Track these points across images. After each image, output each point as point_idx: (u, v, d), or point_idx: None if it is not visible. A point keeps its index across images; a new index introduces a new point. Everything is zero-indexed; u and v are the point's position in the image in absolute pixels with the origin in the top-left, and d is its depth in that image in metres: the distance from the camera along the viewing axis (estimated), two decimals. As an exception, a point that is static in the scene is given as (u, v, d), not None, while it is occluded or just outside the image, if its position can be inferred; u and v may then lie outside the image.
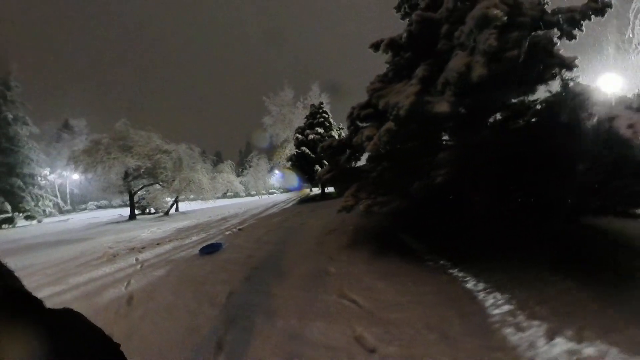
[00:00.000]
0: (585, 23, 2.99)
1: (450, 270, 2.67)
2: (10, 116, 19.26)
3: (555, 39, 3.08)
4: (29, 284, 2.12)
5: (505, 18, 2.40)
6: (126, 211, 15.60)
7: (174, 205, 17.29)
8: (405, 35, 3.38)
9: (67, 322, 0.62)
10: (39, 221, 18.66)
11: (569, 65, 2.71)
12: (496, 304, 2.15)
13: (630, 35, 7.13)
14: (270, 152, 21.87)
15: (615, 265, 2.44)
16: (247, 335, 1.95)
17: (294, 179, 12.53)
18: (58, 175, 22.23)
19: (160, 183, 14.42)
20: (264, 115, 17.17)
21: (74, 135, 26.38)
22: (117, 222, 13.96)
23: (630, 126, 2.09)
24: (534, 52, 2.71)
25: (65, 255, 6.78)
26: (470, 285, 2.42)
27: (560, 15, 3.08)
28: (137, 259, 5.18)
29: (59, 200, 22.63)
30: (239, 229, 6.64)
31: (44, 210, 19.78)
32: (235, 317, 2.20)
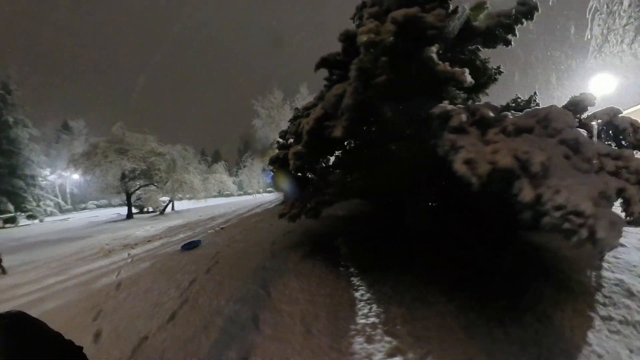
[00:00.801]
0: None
1: (352, 277, 2.90)
2: (10, 119, 19.85)
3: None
4: (35, 276, 3.45)
5: (391, 39, 2.33)
6: (125, 210, 16.37)
7: (170, 205, 18.07)
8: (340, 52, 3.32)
9: (18, 326, 0.61)
10: (41, 220, 19.34)
11: (458, 80, 2.39)
12: (367, 315, 2.31)
13: (589, 37, 6.63)
14: (263, 152, 22.61)
15: (515, 295, 2.27)
16: (192, 309, 2.75)
17: (282, 180, 13.25)
18: (58, 176, 22.86)
19: (155, 184, 15.17)
20: (255, 117, 17.90)
21: (73, 136, 26.96)
22: (115, 221, 14.71)
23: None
24: (419, 70, 2.55)
25: (67, 251, 7.57)
26: (358, 293, 2.63)
27: (490, 21, 3.09)
28: (129, 254, 5.97)
29: (60, 200, 23.36)
30: (221, 228, 7.40)
31: (45, 210, 20.47)
32: (189, 298, 3.00)
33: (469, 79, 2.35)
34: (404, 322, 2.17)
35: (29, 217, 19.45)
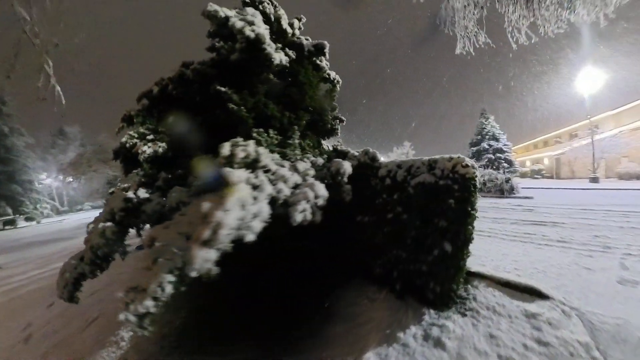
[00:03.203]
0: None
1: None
2: (6, 129, 20.93)
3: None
4: (24, 269, 5.62)
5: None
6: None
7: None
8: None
9: None
10: (38, 222, 20.44)
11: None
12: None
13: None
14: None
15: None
16: (109, 286, 4.19)
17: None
18: (55, 179, 24.00)
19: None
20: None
21: (69, 141, 27.88)
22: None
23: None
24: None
25: (53, 250, 8.94)
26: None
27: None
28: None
29: (56, 203, 24.52)
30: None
31: (41, 212, 21.65)
32: (112, 281, 4.44)
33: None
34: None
35: (27, 219, 20.63)
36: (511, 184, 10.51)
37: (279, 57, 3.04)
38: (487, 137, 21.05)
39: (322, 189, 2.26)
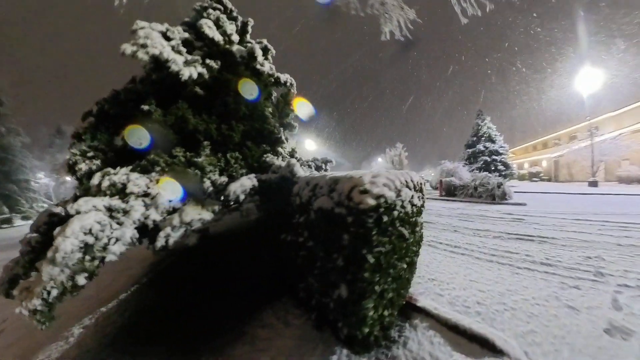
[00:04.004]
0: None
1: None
2: (3, 129, 20.76)
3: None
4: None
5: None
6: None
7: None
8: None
9: None
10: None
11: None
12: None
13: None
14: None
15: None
16: None
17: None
18: (51, 179, 23.82)
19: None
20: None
21: (66, 140, 27.81)
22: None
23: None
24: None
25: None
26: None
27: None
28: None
29: (53, 202, 24.37)
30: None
31: (38, 211, 21.53)
32: None
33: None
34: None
35: (23, 218, 20.51)
36: (503, 190, 9.97)
37: (189, 72, 3.08)
38: (483, 138, 20.41)
39: (191, 214, 2.35)
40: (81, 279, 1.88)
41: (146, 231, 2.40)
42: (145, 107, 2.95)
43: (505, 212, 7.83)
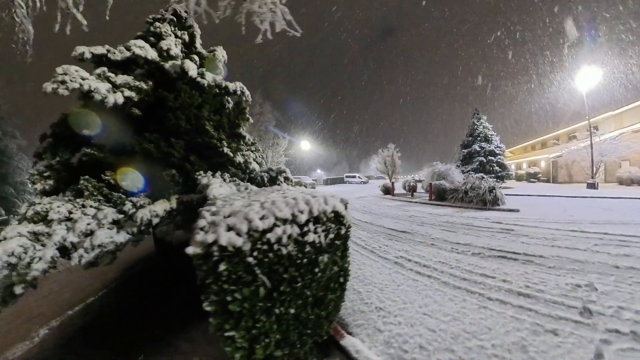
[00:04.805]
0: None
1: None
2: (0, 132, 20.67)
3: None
4: None
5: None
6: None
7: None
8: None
9: None
10: (29, 223, 20.28)
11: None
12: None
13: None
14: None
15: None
16: None
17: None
18: (49, 181, 23.61)
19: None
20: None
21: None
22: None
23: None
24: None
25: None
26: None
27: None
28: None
29: (50, 203, 24.22)
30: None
31: (33, 214, 21.39)
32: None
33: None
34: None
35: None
36: (495, 194, 9.41)
37: (113, 99, 3.21)
38: (479, 138, 19.70)
39: (101, 237, 2.60)
40: (18, 289, 2.15)
41: (67, 251, 2.62)
42: (89, 150, 3.25)
43: (494, 220, 7.29)
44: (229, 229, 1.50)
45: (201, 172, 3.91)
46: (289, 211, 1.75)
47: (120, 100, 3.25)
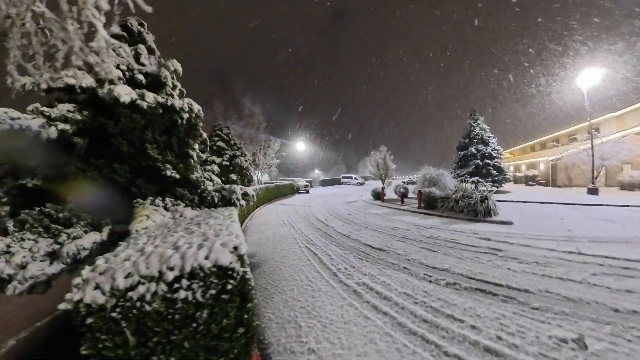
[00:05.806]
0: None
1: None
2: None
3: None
4: None
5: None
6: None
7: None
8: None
9: None
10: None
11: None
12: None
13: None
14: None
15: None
16: None
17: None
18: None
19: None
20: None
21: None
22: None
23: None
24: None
25: None
26: None
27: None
28: None
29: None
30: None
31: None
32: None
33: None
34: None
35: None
36: (487, 205, 8.72)
37: (47, 134, 3.22)
38: (476, 140, 18.89)
39: (31, 270, 2.68)
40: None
41: (4, 282, 2.63)
42: (29, 184, 3.20)
43: (483, 235, 6.62)
44: (96, 287, 1.66)
45: (139, 199, 3.82)
46: (157, 267, 1.78)
47: (54, 134, 3.28)
